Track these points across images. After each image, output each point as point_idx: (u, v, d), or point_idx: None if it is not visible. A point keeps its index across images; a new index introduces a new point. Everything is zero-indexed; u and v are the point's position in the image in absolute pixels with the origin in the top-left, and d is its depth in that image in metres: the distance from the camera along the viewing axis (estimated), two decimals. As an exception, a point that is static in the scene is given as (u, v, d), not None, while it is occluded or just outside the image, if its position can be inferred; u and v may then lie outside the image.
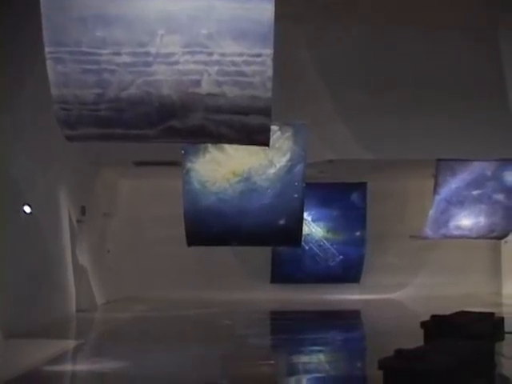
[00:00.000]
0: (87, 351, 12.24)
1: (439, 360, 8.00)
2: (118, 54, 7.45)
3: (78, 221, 17.23)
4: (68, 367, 10.52)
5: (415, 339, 10.34)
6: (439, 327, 10.72)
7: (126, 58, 7.48)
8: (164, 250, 20.41)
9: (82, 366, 10.44)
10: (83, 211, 17.58)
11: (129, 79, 7.58)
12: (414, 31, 15.39)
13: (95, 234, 18.67)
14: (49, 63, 7.35)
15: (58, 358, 10.92)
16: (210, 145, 12.90)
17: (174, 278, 20.44)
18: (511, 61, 15.70)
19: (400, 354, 8.08)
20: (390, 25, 15.26)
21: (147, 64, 7.55)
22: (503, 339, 11.64)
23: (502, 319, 12.12)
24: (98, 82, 7.54)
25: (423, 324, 11.12)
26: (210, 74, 7.82)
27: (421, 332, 10.96)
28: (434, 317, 11.26)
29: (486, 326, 11.30)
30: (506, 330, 12.05)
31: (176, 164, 13.96)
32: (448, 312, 11.61)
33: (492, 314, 12.08)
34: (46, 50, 7.31)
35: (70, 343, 12.68)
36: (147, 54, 7.52)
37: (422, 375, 7.64)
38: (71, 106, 7.63)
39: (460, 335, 10.07)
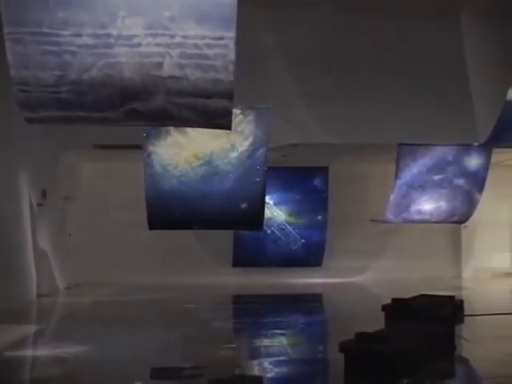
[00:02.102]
0: (48, 336, 12.16)
1: (400, 342, 8.08)
2: (79, 35, 7.37)
3: (38, 204, 17.07)
4: (28, 352, 10.45)
5: (376, 322, 10.42)
6: (400, 310, 10.80)
7: (87, 40, 7.40)
8: (126, 234, 20.33)
9: (43, 351, 10.36)
10: (44, 195, 17.42)
11: (90, 61, 7.50)
12: (377, 17, 15.40)
13: (56, 217, 18.52)
14: (8, 44, 7.25)
15: (19, 344, 10.84)
16: (172, 128, 12.84)
17: (135, 262, 20.36)
18: (472, 46, 15.80)
19: (361, 336, 8.14)
20: (352, 10, 15.26)
21: (109, 46, 7.48)
22: (463, 322, 11.78)
23: (461, 302, 12.27)
24: (58, 64, 7.46)
25: (384, 307, 11.21)
26: (172, 57, 7.77)
27: (382, 315, 11.05)
28: (394, 300, 11.35)
29: (446, 308, 11.42)
30: (466, 312, 12.20)
31: (138, 147, 13.87)
32: (409, 295, 11.71)
33: (452, 297, 12.22)
34: (5, 30, 7.20)
35: (31, 328, 12.59)
36: (109, 35, 7.45)
37: (383, 357, 7.71)
38: (31, 88, 7.54)
39: (420, 318, 10.17)
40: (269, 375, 8.75)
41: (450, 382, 8.40)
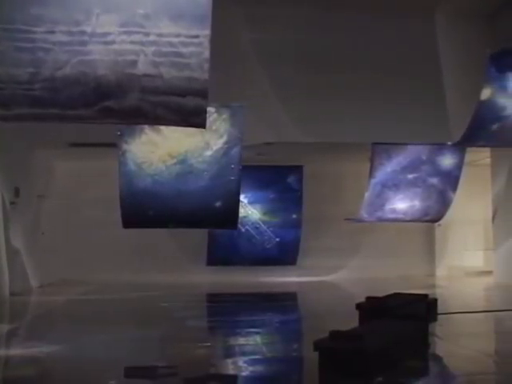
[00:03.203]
0: (21, 335, 12.07)
1: (374, 341, 8.10)
2: (53, 32, 7.33)
3: (11, 203, 16.95)
4: (1, 352, 10.36)
5: (350, 321, 10.43)
6: (374, 309, 10.82)
7: (61, 37, 7.36)
8: (100, 232, 20.22)
9: (16, 351, 10.28)
10: (17, 193, 17.30)
11: (64, 58, 7.46)
12: (351, 16, 15.46)
13: (29, 216, 18.39)
14: (-19, 41, 7.20)
15: (-9, 342, 10.77)
16: (146, 126, 12.81)
17: (110, 260, 20.27)
18: (447, 46, 15.89)
19: (335, 335, 8.15)
20: (327, 9, 15.30)
21: (83, 43, 7.45)
22: (436, 320, 11.83)
23: (435, 300, 12.31)
24: (32, 61, 7.41)
25: (358, 306, 11.21)
26: (146, 55, 7.76)
27: (356, 313, 11.07)
28: (368, 298, 11.36)
29: (419, 307, 11.47)
30: (439, 310, 12.26)
31: (112, 145, 13.82)
32: (383, 294, 11.74)
33: (426, 295, 12.25)
34: (-22, 27, 7.16)
35: (3, 327, 12.49)
36: (83, 33, 7.42)
37: (357, 356, 7.72)
38: (4, 85, 7.49)
39: (394, 316, 10.20)
40: (243, 374, 8.73)
41: (424, 379, 8.43)
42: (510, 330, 12.43)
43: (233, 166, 13.55)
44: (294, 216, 21.46)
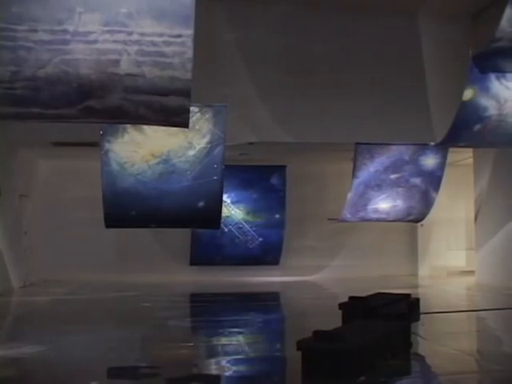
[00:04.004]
0: (3, 336, 12.00)
1: (356, 340, 8.11)
2: (35, 30, 7.29)
3: (-7, 202, 16.89)
4: (-18, 352, 10.31)
5: (333, 320, 10.46)
6: (357, 308, 10.86)
7: (42, 36, 7.32)
8: (83, 232, 20.17)
9: (-2, 351, 10.24)
10: (-1, 192, 17.22)
11: (46, 57, 7.42)
12: (334, 15, 15.48)
13: (11, 215, 18.29)
14: (-39, 39, 7.15)
15: (-28, 343, 10.70)
16: (128, 126, 12.77)
17: (92, 260, 20.21)
18: (429, 46, 15.94)
19: (318, 334, 8.15)
20: (309, 8, 15.31)
21: (65, 42, 7.41)
22: (418, 319, 11.89)
23: (417, 300, 12.38)
24: (13, 60, 7.36)
25: (341, 305, 11.25)
26: (129, 54, 7.73)
27: (339, 313, 11.09)
28: (351, 298, 11.40)
29: (402, 306, 11.51)
30: (422, 310, 12.31)
31: (95, 145, 13.77)
32: (366, 293, 11.78)
33: (408, 295, 12.32)
34: (-41, 25, 7.11)
35: (-15, 327, 12.44)
36: (65, 31, 7.38)
37: (340, 355, 7.74)
38: (-14, 84, 7.45)
39: (377, 316, 10.23)
40: (226, 374, 8.72)
41: (406, 379, 8.44)
42: (492, 330, 12.51)
43: (216, 166, 13.54)
44: (277, 216, 21.47)
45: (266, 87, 15.55)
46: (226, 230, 20.95)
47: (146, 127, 12.80)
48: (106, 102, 7.85)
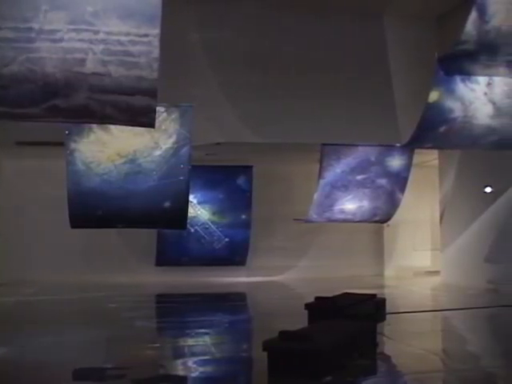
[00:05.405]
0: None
1: (322, 340, 8.12)
2: (0, 28, 7.22)
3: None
4: None
5: (300, 320, 10.49)
6: (323, 308, 10.89)
7: (7, 33, 7.25)
8: (48, 232, 20.00)
9: (-39, 352, 10.13)
10: (-38, 193, 17.05)
11: (11, 55, 7.35)
12: (300, 16, 15.51)
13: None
14: None
15: None
16: (94, 125, 12.70)
17: (59, 261, 20.05)
18: (395, 47, 16.02)
19: (284, 335, 8.16)
20: (276, 9, 15.33)
21: (30, 40, 7.34)
22: (385, 319, 11.95)
23: (383, 300, 12.45)
24: (-23, 58, 7.29)
25: (307, 306, 11.28)
26: (95, 53, 7.69)
27: (305, 313, 11.12)
28: (317, 298, 11.43)
29: (368, 307, 11.57)
30: (388, 310, 12.38)
31: (61, 144, 13.67)
32: (332, 294, 11.81)
33: (374, 295, 12.39)
34: None
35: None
36: (30, 29, 7.32)
37: (306, 355, 7.75)
38: (-51, 83, 7.36)
39: (343, 316, 10.27)
40: (193, 375, 8.71)
41: (373, 378, 8.48)
42: (457, 329, 12.61)
43: (182, 166, 13.51)
44: (244, 216, 21.46)
45: (233, 88, 15.54)
46: (193, 230, 20.90)
47: (112, 127, 12.74)
48: (71, 101, 7.80)
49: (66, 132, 13.01)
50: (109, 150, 13.19)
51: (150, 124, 8.70)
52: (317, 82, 15.78)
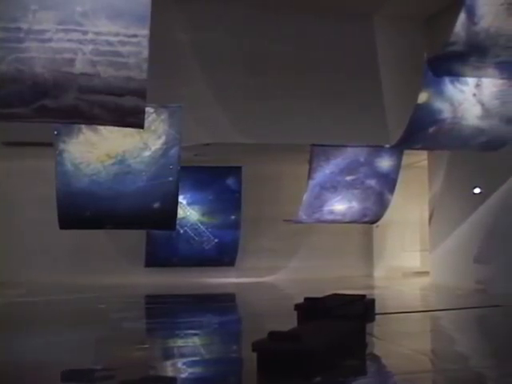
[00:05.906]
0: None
1: (312, 341, 8.13)
2: (-12, 28, 7.20)
3: None
4: None
5: (289, 321, 10.48)
6: (312, 309, 10.89)
7: (-4, 33, 7.23)
8: (37, 233, 19.95)
9: None
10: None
11: (-1, 55, 7.33)
12: (289, 17, 15.49)
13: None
14: None
15: None
16: (83, 126, 12.67)
17: (47, 262, 20.00)
18: (385, 47, 16.03)
19: (273, 335, 8.16)
20: (265, 9, 15.32)
21: (19, 40, 7.32)
22: (374, 320, 11.97)
23: (373, 301, 12.47)
24: (-34, 57, 7.26)
25: (297, 306, 11.28)
26: (84, 53, 7.68)
27: (295, 314, 11.12)
28: (307, 299, 11.44)
29: (357, 307, 11.58)
30: (377, 311, 12.40)
31: (49, 145, 13.63)
32: (321, 294, 11.82)
33: (363, 296, 12.40)
34: None
35: None
36: (19, 29, 7.30)
37: (295, 356, 7.75)
38: None
39: (333, 317, 10.27)
40: (182, 376, 8.69)
41: (362, 378, 8.49)
42: (446, 330, 12.63)
43: (171, 167, 13.50)
44: (233, 217, 21.47)
45: (222, 88, 15.52)
46: (182, 231, 20.89)
47: (101, 128, 12.71)
48: (60, 102, 7.78)
49: (55, 132, 12.97)
50: (98, 150, 13.16)
51: (139, 125, 8.70)
52: (307, 82, 15.77)
